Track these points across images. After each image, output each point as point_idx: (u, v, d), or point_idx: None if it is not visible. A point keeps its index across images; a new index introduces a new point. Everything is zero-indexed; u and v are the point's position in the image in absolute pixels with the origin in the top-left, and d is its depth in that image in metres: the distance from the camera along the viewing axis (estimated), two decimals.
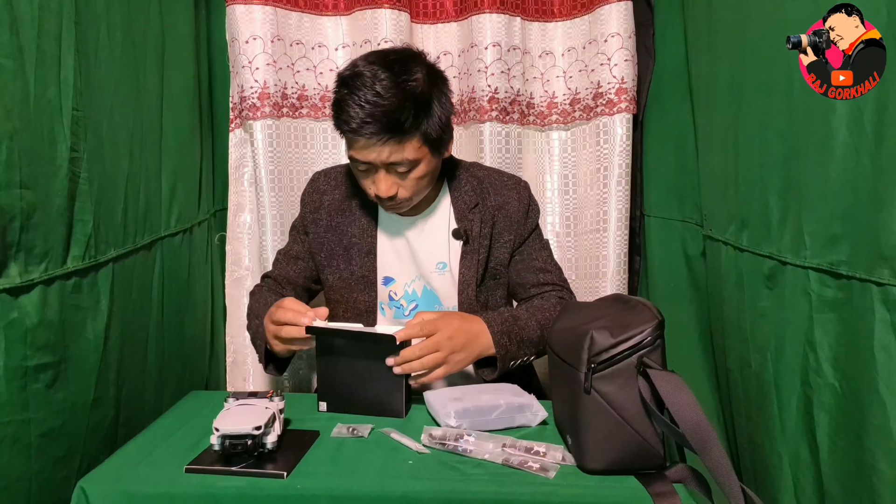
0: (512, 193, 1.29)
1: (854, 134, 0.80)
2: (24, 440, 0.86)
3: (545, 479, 0.86)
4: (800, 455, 0.92)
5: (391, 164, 1.11)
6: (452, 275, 1.26)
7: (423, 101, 1.10)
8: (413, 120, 1.08)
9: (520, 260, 1.31)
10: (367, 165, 1.13)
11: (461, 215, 1.26)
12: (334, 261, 1.29)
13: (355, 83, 1.09)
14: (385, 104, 1.06)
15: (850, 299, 0.82)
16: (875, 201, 0.77)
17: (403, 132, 1.08)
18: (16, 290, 0.85)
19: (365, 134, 1.07)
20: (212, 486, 0.85)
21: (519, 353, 1.17)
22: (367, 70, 1.09)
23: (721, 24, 1.17)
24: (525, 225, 1.30)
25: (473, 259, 1.25)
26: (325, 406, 1.08)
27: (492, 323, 1.14)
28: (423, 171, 1.15)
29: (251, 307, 1.31)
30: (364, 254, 1.26)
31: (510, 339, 1.15)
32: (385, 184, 1.13)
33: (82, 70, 0.99)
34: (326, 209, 1.30)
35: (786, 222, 0.95)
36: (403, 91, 1.08)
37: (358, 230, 1.27)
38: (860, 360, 0.80)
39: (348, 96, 1.09)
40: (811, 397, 0.89)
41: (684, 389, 0.82)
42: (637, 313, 0.90)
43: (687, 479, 0.86)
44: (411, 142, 1.10)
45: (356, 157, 1.12)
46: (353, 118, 1.07)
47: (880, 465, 0.77)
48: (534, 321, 1.20)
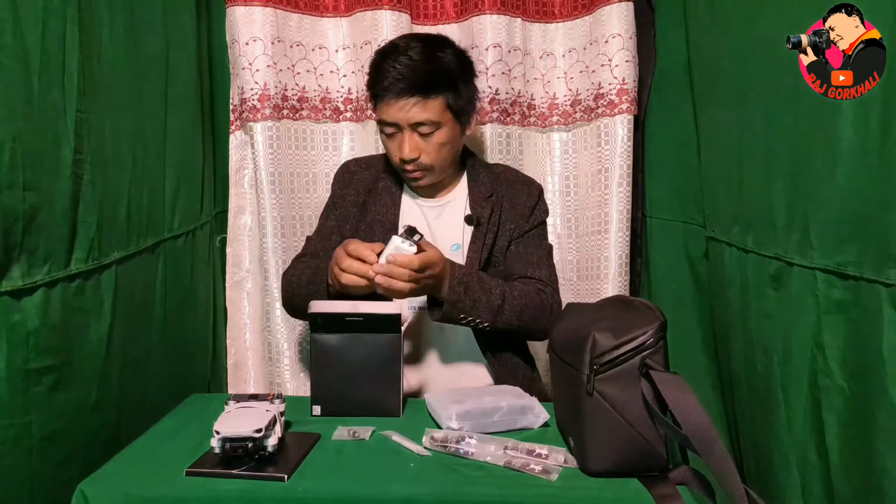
0: (523, 189, 1.39)
1: (860, 133, 0.80)
2: (25, 443, 0.86)
3: (547, 482, 0.86)
4: (808, 457, 0.91)
5: (416, 123, 1.22)
6: (464, 256, 1.33)
7: (450, 72, 1.25)
8: (439, 83, 1.22)
9: (515, 251, 1.36)
10: (394, 128, 1.24)
11: (476, 203, 1.35)
12: (358, 235, 1.33)
13: (390, 51, 1.25)
14: (414, 65, 1.21)
15: (858, 300, 0.82)
16: (883, 201, 0.76)
17: (429, 91, 1.21)
18: (18, 293, 0.85)
19: (394, 91, 1.20)
20: (212, 489, 0.84)
21: (472, 311, 1.19)
22: (401, 42, 1.27)
23: (724, 24, 1.17)
24: (528, 220, 1.37)
25: (480, 243, 1.32)
26: (318, 410, 1.08)
27: (456, 270, 1.19)
28: (444, 137, 1.25)
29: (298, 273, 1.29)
30: (386, 230, 1.32)
31: (466, 291, 1.18)
32: (409, 145, 1.24)
33: (86, 72, 0.99)
34: (355, 186, 1.39)
35: (792, 223, 0.94)
36: (433, 59, 1.23)
37: (382, 208, 1.36)
38: (869, 362, 0.79)
39: (382, 61, 1.24)
40: (819, 399, 0.89)
41: (687, 391, 0.81)
42: (639, 314, 0.89)
43: (690, 481, 0.86)
44: (435, 102, 1.22)
45: (384, 117, 1.24)
46: (386, 77, 1.22)
47: (890, 467, 0.76)
48: (499, 290, 1.23)
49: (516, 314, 1.24)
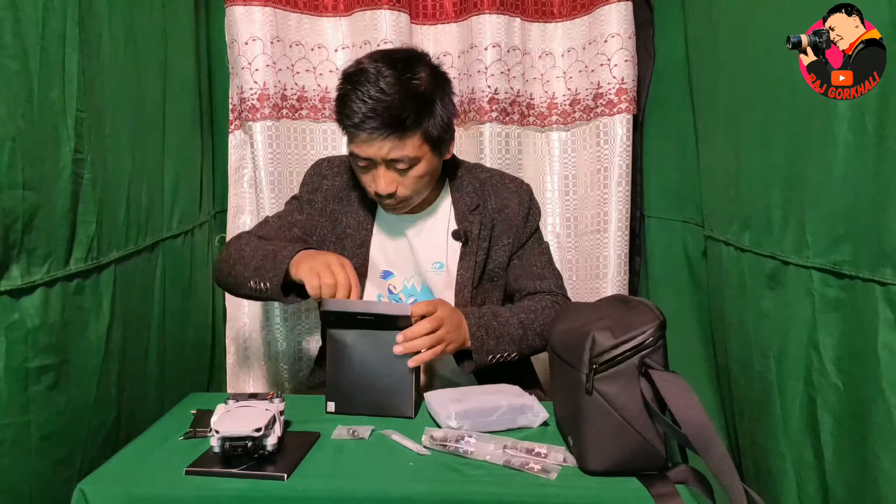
0: (513, 196, 1.29)
1: (856, 133, 0.80)
2: (24, 442, 0.86)
3: (546, 481, 0.86)
4: (803, 455, 0.92)
5: (391, 160, 1.12)
6: (449, 275, 1.27)
7: (426, 99, 1.12)
8: (415, 117, 1.10)
9: (518, 265, 1.31)
10: (368, 161, 1.14)
11: (461, 216, 1.26)
12: (325, 246, 1.29)
13: (359, 79, 1.10)
14: (387, 100, 1.08)
15: (853, 299, 0.82)
16: (878, 201, 0.77)
17: (405, 129, 1.09)
18: (17, 292, 0.85)
19: (367, 129, 1.08)
20: (212, 487, 0.84)
21: (497, 349, 1.17)
22: (371, 67, 1.11)
23: (723, 23, 1.18)
24: (525, 229, 1.30)
25: (471, 261, 1.25)
26: (332, 406, 1.08)
27: (469, 316, 1.16)
28: (423, 170, 1.15)
29: (247, 246, 1.21)
30: (357, 245, 1.27)
31: (487, 332, 1.16)
32: (385, 181, 1.14)
33: (86, 71, 0.99)
34: (324, 193, 1.30)
35: (788, 222, 0.94)
36: (406, 88, 1.09)
37: (354, 222, 1.28)
38: (864, 360, 0.80)
39: (352, 91, 1.10)
40: (815, 397, 0.89)
41: (686, 390, 0.82)
42: (639, 314, 0.89)
43: (689, 479, 0.86)
44: (412, 139, 1.11)
45: (357, 152, 1.13)
46: (356, 112, 1.08)
47: (885, 465, 0.76)
48: (515, 320, 1.21)
49: (538, 335, 1.22)
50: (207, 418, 0.90)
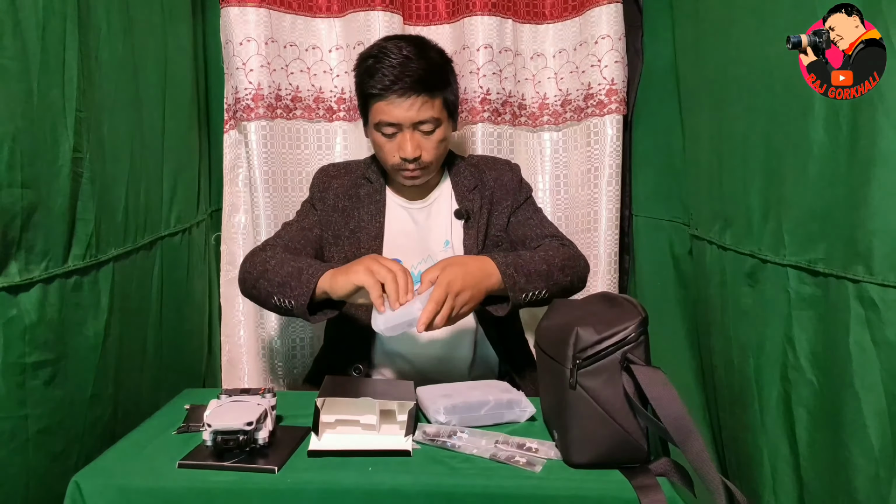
0: (505, 167, 1.42)
1: (830, 134, 0.82)
2: (21, 436, 0.88)
3: (531, 473, 0.87)
4: (779, 449, 0.94)
5: (418, 122, 1.21)
6: (455, 251, 1.33)
7: (444, 69, 1.26)
8: (438, 82, 1.23)
9: (516, 222, 1.37)
10: (395, 128, 1.22)
11: (462, 196, 1.35)
12: (340, 241, 1.33)
13: (383, 54, 1.21)
14: (414, 66, 1.19)
15: (826, 296, 0.84)
16: (850, 200, 0.78)
17: (432, 90, 1.21)
18: (15, 289, 0.86)
19: (397, 90, 1.18)
20: (204, 480, 0.86)
21: (528, 286, 1.15)
22: (390, 44, 1.23)
23: (707, 25, 1.19)
24: (520, 192, 1.39)
25: (474, 233, 1.33)
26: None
27: (496, 258, 1.14)
28: (443, 134, 1.26)
29: (272, 259, 1.19)
30: (372, 237, 1.32)
31: (517, 270, 1.14)
32: (412, 144, 1.22)
33: (85, 71, 1.00)
34: (334, 191, 1.37)
35: (766, 221, 0.96)
36: (427, 58, 1.22)
37: (366, 215, 1.34)
38: (836, 356, 0.81)
39: (377, 63, 1.20)
40: (790, 393, 0.91)
41: (666, 384, 0.83)
42: (622, 310, 0.91)
43: (670, 472, 0.87)
44: (437, 101, 1.22)
45: (384, 118, 1.21)
46: (386, 76, 1.18)
47: (856, 459, 0.78)
48: (538, 256, 1.20)
49: (561, 271, 1.21)
50: (201, 413, 0.91)
